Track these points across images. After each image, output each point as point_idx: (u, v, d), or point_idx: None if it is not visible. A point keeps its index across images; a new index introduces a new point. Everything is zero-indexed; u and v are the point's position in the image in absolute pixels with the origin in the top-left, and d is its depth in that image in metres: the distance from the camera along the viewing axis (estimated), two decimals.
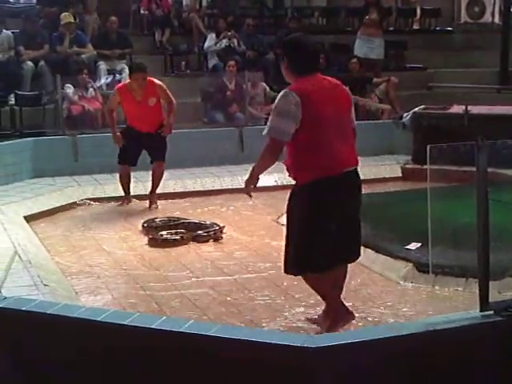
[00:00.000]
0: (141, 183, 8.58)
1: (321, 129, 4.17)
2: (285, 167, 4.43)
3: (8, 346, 3.54)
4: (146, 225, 7.05)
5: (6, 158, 8.59)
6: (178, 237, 6.70)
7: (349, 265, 5.69)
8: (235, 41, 12.50)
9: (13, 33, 11.32)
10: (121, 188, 8.14)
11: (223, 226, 6.93)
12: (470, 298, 4.81)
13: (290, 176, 4.46)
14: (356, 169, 4.44)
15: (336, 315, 4.46)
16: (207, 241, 6.71)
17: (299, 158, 4.28)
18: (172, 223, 7.06)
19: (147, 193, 8.22)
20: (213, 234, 6.77)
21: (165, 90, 8.01)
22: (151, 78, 8.04)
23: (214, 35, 12.58)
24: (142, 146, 8.01)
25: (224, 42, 12.49)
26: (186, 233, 6.79)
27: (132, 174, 8.23)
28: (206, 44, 12.59)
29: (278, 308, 5.10)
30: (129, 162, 8.08)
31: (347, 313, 4.52)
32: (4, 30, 11.21)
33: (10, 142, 9.03)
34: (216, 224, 6.98)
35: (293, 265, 4.39)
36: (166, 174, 8.25)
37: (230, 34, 12.54)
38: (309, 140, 4.18)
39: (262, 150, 4.33)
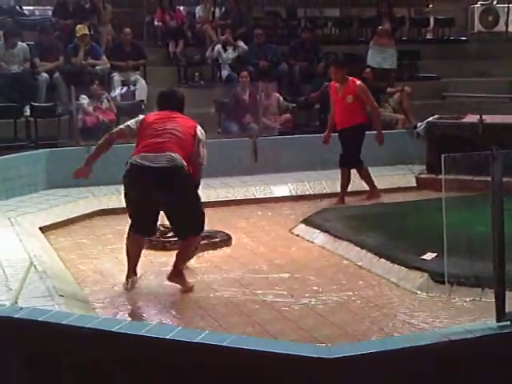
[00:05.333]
0: None
1: (145, 132, 5.74)
2: None
3: (24, 355, 3.55)
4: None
5: (22, 169, 8.63)
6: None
7: (365, 275, 5.76)
8: (236, 47, 12.53)
9: (28, 45, 11.39)
10: None
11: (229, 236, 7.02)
12: (486, 308, 4.78)
13: None
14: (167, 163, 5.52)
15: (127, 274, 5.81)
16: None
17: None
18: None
19: None
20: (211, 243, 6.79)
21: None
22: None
23: (220, 46, 12.65)
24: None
25: (230, 52, 12.54)
26: None
27: None
28: (208, 53, 12.66)
29: (292, 318, 5.09)
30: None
31: (135, 274, 5.85)
32: (19, 43, 11.28)
33: (26, 153, 9.07)
34: (222, 232, 7.08)
35: None
36: None
37: (223, 37, 12.58)
38: (138, 139, 5.80)
39: None
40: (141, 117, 5.96)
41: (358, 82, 8.57)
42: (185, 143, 5.66)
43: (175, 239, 6.85)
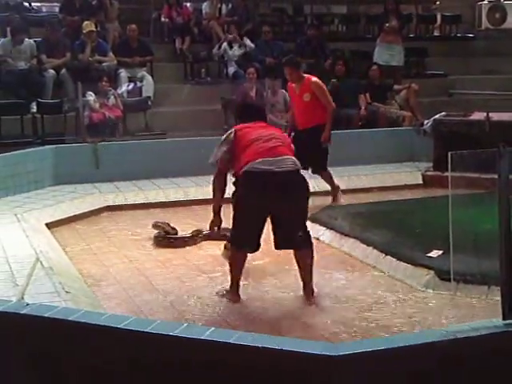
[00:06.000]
0: (161, 190, 8.64)
1: (249, 138, 5.32)
2: None
3: (30, 352, 3.56)
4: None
5: (28, 166, 8.65)
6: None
7: (370, 273, 5.73)
8: (243, 44, 12.56)
9: (35, 41, 11.42)
10: None
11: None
12: (492, 306, 4.78)
13: None
14: (292, 167, 5.25)
15: (231, 293, 5.42)
16: None
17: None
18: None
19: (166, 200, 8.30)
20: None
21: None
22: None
23: (226, 43, 12.67)
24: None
25: (236, 48, 12.57)
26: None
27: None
28: (214, 50, 12.69)
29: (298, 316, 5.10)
30: None
31: (237, 295, 5.42)
32: (26, 39, 11.31)
33: (32, 149, 9.10)
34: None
35: None
36: (188, 182, 8.19)
37: (231, 36, 12.61)
38: (240, 150, 5.30)
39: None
40: (231, 130, 5.52)
41: (314, 79, 8.13)
42: (291, 149, 5.44)
43: (178, 236, 6.92)
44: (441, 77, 13.62)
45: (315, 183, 7.95)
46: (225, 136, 5.47)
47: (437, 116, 9.86)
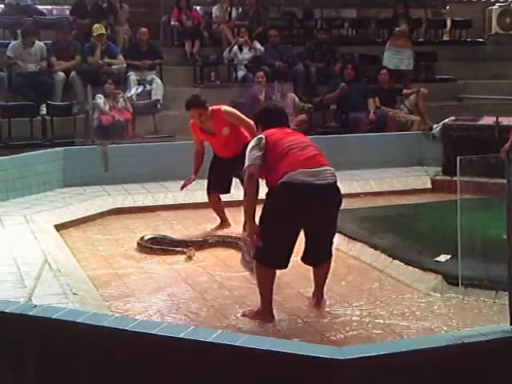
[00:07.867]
0: (169, 193, 8.65)
1: (281, 146, 5.01)
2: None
3: (37, 354, 3.57)
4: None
5: (37, 168, 8.68)
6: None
7: (379, 276, 5.72)
8: (252, 47, 12.59)
9: (45, 44, 11.47)
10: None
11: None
12: (499, 311, 4.77)
13: None
14: (331, 179, 5.05)
15: (264, 313, 5.07)
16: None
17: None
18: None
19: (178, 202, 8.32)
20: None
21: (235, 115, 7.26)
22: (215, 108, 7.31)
23: (236, 47, 12.70)
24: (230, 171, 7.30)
25: (246, 52, 12.59)
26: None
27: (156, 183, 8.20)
28: (225, 53, 12.72)
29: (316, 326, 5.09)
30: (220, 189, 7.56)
31: (271, 315, 5.08)
32: (37, 42, 11.36)
33: (41, 151, 9.12)
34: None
35: None
36: (196, 184, 8.16)
37: (242, 40, 12.63)
38: (275, 159, 4.98)
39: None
40: (259, 136, 5.10)
41: (224, 109, 7.26)
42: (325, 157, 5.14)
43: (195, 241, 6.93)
44: (450, 81, 13.60)
45: None
46: (254, 143, 5.05)
47: (446, 120, 9.84)
